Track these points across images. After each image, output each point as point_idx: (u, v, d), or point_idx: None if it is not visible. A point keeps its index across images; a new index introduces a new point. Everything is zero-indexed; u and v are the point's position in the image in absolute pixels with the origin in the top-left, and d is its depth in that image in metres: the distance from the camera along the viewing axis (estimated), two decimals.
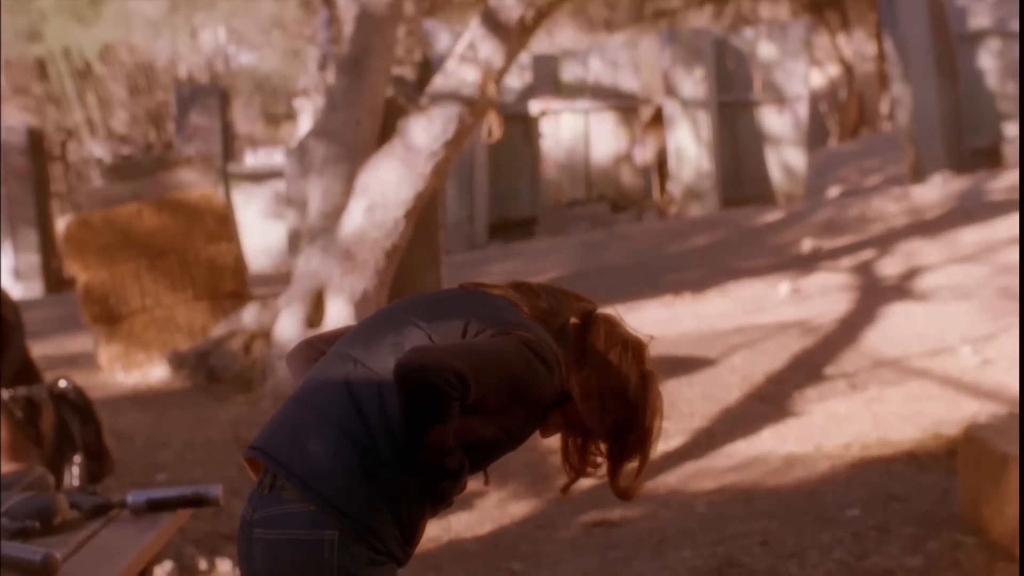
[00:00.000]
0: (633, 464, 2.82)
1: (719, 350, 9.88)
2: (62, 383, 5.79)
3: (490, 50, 9.06)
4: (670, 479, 7.35)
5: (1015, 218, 12.81)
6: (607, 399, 2.74)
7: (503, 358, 2.60)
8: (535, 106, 20.07)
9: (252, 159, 22.98)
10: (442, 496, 2.64)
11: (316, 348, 2.85)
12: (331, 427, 2.59)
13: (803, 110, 19.83)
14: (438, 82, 9.29)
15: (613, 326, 2.81)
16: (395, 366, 2.53)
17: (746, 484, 7.09)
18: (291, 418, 2.67)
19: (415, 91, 13.41)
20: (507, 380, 2.60)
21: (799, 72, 19.75)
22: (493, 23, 9.05)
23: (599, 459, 2.83)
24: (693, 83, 19.37)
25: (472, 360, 2.55)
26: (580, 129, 20.45)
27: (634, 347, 2.79)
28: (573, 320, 2.79)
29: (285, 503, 2.59)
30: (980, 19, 18.99)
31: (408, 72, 17.86)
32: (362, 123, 9.97)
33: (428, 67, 17.56)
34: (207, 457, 8.02)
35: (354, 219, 9.24)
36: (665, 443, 7.95)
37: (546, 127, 20.34)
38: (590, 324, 2.79)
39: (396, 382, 2.53)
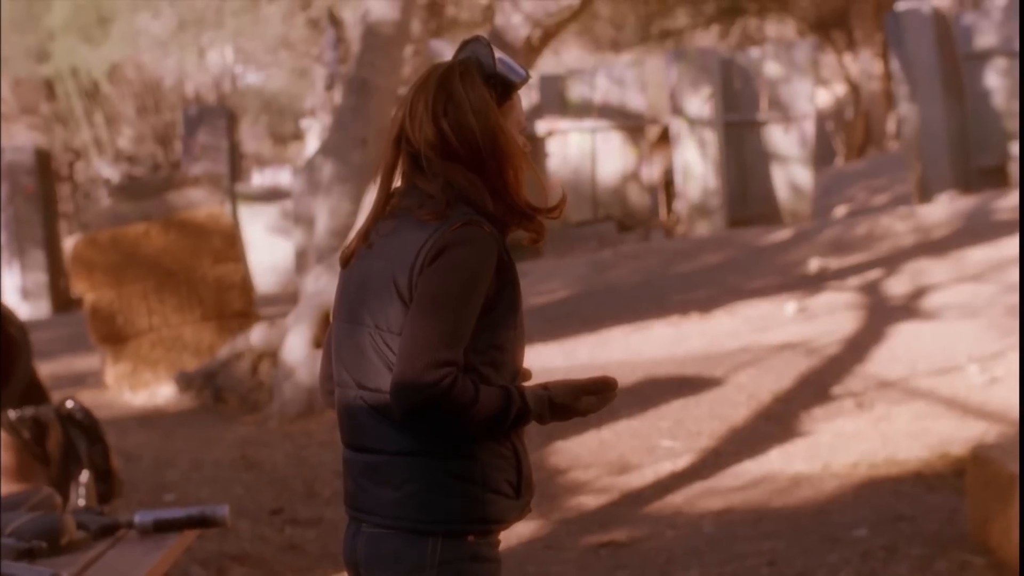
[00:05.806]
0: (523, 177, 2.69)
1: (726, 369, 9.87)
2: (69, 403, 5.79)
3: None
4: (677, 499, 7.34)
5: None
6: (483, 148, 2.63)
7: (450, 295, 2.51)
8: (542, 126, 20.10)
9: (259, 179, 23.04)
10: (541, 422, 2.62)
11: (327, 390, 2.83)
12: (381, 456, 2.60)
13: (809, 129, 19.83)
14: None
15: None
16: (399, 416, 2.52)
17: (753, 504, 7.08)
18: (349, 466, 2.68)
19: None
20: (469, 298, 2.52)
21: (805, 91, 19.76)
22: (500, 43, 9.07)
23: (524, 219, 2.69)
24: (699, 102, 19.38)
25: (436, 330, 2.48)
26: (587, 148, 20.46)
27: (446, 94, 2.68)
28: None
29: None
30: (986, 38, 18.99)
31: None
32: (369, 143, 9.99)
33: None
34: (214, 477, 8.01)
35: None
36: (672, 462, 7.94)
37: (553, 147, 20.36)
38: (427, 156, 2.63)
39: (410, 427, 2.53)
